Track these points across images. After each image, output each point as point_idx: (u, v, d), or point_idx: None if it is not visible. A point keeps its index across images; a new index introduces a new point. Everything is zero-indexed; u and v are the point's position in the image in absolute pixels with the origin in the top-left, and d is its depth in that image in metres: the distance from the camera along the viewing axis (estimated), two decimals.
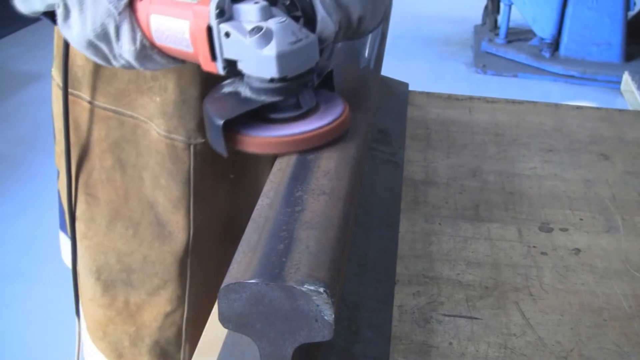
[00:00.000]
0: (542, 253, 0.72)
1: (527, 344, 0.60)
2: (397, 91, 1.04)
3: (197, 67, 0.55)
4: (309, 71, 0.51)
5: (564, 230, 0.76)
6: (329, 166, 0.51)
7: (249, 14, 0.50)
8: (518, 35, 3.81)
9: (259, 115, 0.53)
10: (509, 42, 3.74)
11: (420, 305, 0.64)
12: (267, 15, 0.50)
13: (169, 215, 0.76)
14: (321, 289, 0.40)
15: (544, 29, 3.58)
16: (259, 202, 0.49)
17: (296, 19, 0.53)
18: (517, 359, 0.58)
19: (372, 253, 0.69)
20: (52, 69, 0.78)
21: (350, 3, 0.55)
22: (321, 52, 0.54)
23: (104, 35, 0.53)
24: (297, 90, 0.52)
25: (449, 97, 1.06)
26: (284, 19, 0.49)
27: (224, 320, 0.43)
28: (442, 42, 3.99)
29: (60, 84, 0.73)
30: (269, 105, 0.52)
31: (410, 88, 1.07)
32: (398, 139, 0.91)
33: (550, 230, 0.75)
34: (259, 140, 0.52)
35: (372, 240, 0.71)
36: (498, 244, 0.73)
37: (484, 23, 4.05)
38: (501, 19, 3.77)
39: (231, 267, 0.43)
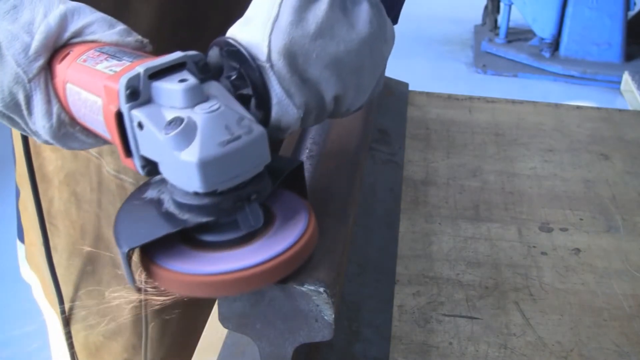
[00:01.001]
0: (542, 253, 0.72)
1: (527, 344, 0.60)
2: (397, 91, 1.04)
3: None
4: (252, 180, 0.37)
5: (564, 230, 0.76)
6: (329, 166, 0.51)
7: (170, 97, 0.36)
8: (518, 35, 3.81)
9: (187, 235, 0.39)
10: (509, 42, 3.74)
11: (420, 305, 0.64)
12: (194, 99, 0.36)
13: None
14: (321, 289, 0.40)
15: (544, 29, 3.58)
16: None
17: (246, 99, 0.39)
18: (517, 359, 0.58)
19: (372, 253, 0.69)
20: None
21: (322, 79, 0.40)
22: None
23: (14, 107, 0.41)
24: (233, 207, 0.37)
25: (449, 97, 1.06)
26: (216, 106, 0.35)
27: (224, 320, 0.43)
28: (442, 42, 3.99)
29: None
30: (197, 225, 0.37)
31: (410, 88, 1.07)
32: (398, 139, 0.91)
33: (550, 230, 0.75)
34: (176, 276, 0.37)
35: (372, 240, 0.71)
36: (498, 244, 0.73)
37: (484, 23, 4.05)
38: (501, 18, 3.77)
39: None
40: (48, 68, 0.42)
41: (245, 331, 0.43)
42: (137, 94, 0.36)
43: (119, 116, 0.37)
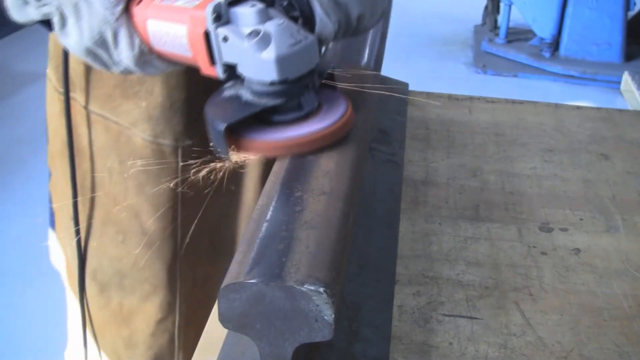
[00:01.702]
0: (542, 253, 0.72)
1: (527, 344, 0.60)
2: (397, 91, 1.04)
3: (185, 69, 0.56)
4: (309, 72, 0.51)
5: (564, 230, 0.76)
6: (329, 166, 0.51)
7: (246, 17, 0.49)
8: (518, 35, 3.80)
9: (262, 118, 0.52)
10: (509, 42, 3.74)
11: (420, 305, 0.64)
12: (264, 18, 0.49)
13: (154, 223, 0.76)
14: (321, 289, 0.40)
15: (544, 29, 3.58)
16: (259, 201, 0.49)
17: (294, 19, 0.52)
18: (517, 359, 0.58)
19: (372, 253, 0.69)
20: (48, 69, 0.78)
21: (349, 2, 0.54)
22: (320, 52, 0.53)
23: (102, 43, 0.52)
24: (298, 92, 0.51)
25: (449, 97, 1.06)
26: (282, 21, 0.49)
27: (224, 320, 0.43)
28: (442, 41, 3.99)
29: (57, 86, 0.74)
30: (271, 108, 0.51)
31: (410, 88, 1.07)
32: (398, 139, 0.91)
33: (550, 230, 0.75)
34: (261, 143, 0.51)
35: (372, 240, 0.71)
36: (498, 244, 0.73)
37: (484, 23, 4.05)
38: (501, 18, 3.77)
39: (231, 267, 0.43)
40: (127, 10, 0.53)
41: (245, 331, 0.43)
42: (220, 17, 0.49)
43: (207, 35, 0.49)
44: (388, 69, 1.02)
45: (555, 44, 3.58)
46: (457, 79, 3.50)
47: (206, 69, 0.52)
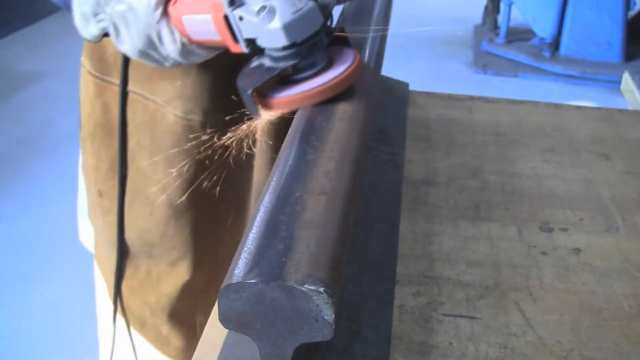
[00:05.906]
0: (542, 253, 0.72)
1: (527, 343, 0.60)
2: (397, 91, 1.04)
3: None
4: (315, 34, 0.58)
5: (564, 230, 0.76)
6: (329, 166, 0.51)
7: None
8: (518, 35, 3.80)
9: (286, 80, 0.61)
10: (509, 42, 3.74)
11: (421, 305, 0.64)
12: None
13: (181, 194, 0.83)
14: (321, 289, 0.40)
15: (544, 29, 3.58)
16: (259, 201, 0.49)
17: None
18: (517, 359, 0.58)
19: (372, 253, 0.69)
20: (82, 57, 0.85)
21: None
22: (327, 16, 0.62)
23: (150, 43, 0.62)
24: (308, 52, 0.58)
25: (449, 97, 1.06)
26: None
27: (224, 320, 0.43)
28: (442, 41, 3.99)
29: (91, 70, 0.83)
30: (290, 69, 0.59)
31: (410, 88, 1.07)
32: (398, 139, 0.91)
33: (550, 230, 0.76)
34: (282, 99, 0.59)
35: (372, 240, 0.71)
36: (498, 243, 0.73)
37: (484, 23, 4.05)
38: (501, 18, 3.77)
39: (231, 267, 0.43)
40: (165, 13, 0.61)
41: (246, 331, 0.43)
42: (234, 1, 0.57)
43: (226, 18, 0.58)
44: (388, 69, 1.02)
45: (555, 44, 3.58)
46: (457, 79, 3.50)
47: (233, 47, 0.60)
